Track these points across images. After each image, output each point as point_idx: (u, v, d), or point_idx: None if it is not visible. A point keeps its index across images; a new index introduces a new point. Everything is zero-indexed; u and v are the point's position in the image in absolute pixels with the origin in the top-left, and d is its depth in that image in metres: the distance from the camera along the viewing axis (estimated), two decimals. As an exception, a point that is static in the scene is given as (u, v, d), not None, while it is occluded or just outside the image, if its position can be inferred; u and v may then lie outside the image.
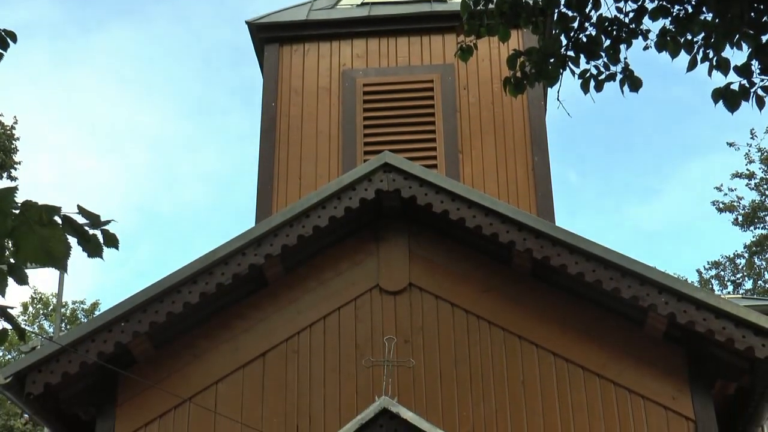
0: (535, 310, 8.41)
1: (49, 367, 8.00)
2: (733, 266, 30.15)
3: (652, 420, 7.89)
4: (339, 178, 8.85)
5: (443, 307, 8.54)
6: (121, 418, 8.27)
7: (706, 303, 7.78)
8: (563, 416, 7.98)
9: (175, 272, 8.32)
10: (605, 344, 8.20)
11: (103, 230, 3.09)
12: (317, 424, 8.10)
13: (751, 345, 7.60)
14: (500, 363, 8.25)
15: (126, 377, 8.28)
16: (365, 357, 8.26)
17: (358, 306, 8.61)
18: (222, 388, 8.35)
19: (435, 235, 8.83)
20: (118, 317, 8.17)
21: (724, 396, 8.27)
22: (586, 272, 8.06)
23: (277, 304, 8.66)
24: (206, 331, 8.59)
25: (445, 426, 7.80)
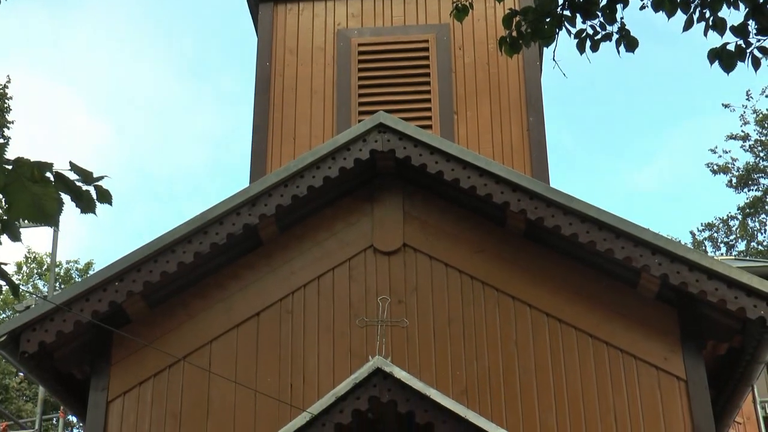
0: (528, 270, 8.44)
1: (43, 326, 8.02)
2: (727, 228, 30.23)
3: (643, 380, 7.95)
4: (333, 139, 8.83)
5: (437, 267, 8.56)
6: (115, 377, 8.31)
7: (699, 264, 7.81)
8: (556, 376, 8.03)
9: (170, 232, 8.33)
10: (598, 305, 8.24)
11: (96, 186, 3.08)
12: (311, 383, 8.14)
13: (743, 306, 7.64)
14: (493, 323, 8.28)
15: (120, 336, 8.30)
16: (359, 317, 8.30)
17: (352, 266, 8.63)
18: (216, 347, 8.38)
19: (429, 196, 8.83)
20: (112, 276, 8.18)
21: (715, 356, 8.33)
22: (580, 233, 8.07)
23: (271, 264, 8.67)
24: (200, 291, 8.61)
25: (438, 385, 7.84)
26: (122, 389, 8.27)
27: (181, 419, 8.13)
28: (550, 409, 7.90)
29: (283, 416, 7.80)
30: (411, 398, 7.07)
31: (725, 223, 30.26)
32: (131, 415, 8.18)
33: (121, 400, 8.25)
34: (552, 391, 7.98)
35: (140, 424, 8.14)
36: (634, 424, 7.80)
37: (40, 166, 2.97)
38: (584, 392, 7.95)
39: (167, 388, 8.26)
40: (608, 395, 7.92)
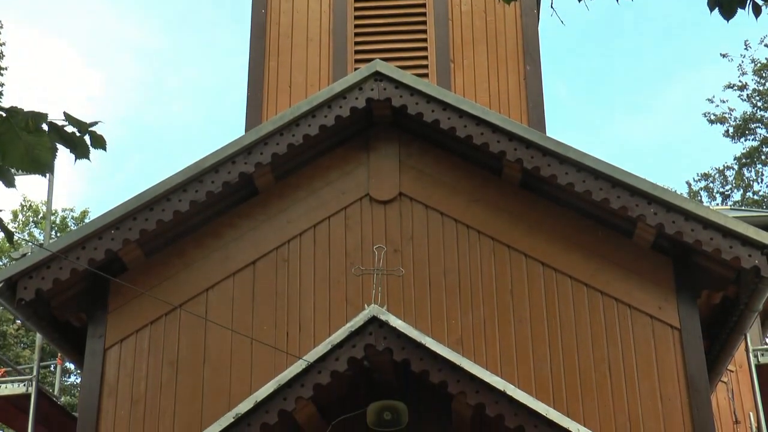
0: (524, 220, 8.44)
1: (39, 274, 8.04)
2: (723, 178, 30.24)
3: (638, 329, 8.00)
4: (330, 87, 8.78)
5: (433, 216, 8.56)
6: (112, 325, 8.35)
7: (695, 214, 7.82)
8: (550, 325, 8.07)
9: (165, 180, 8.32)
10: (593, 254, 8.26)
11: (90, 132, 3.06)
12: (307, 331, 8.18)
13: (737, 255, 7.67)
14: (489, 272, 8.31)
15: (117, 284, 8.32)
16: (355, 266, 8.31)
17: (348, 215, 8.63)
18: (212, 295, 8.41)
19: (425, 145, 8.81)
20: (108, 225, 8.18)
21: (709, 306, 8.38)
22: (576, 183, 8.07)
23: (267, 213, 8.66)
24: (196, 240, 8.61)
25: (433, 334, 7.88)
26: (119, 337, 8.31)
27: (178, 366, 8.18)
28: (545, 358, 7.95)
29: (279, 364, 7.85)
30: (406, 347, 7.10)
31: (721, 174, 30.26)
32: (128, 363, 8.23)
33: (118, 347, 8.29)
34: (547, 339, 8.02)
35: (137, 371, 8.19)
36: (628, 373, 7.86)
37: (35, 117, 2.95)
38: (579, 341, 7.99)
39: (164, 335, 8.30)
40: (602, 344, 7.97)
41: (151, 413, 8.03)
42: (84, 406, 8.12)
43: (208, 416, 7.80)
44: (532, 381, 7.85)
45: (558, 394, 7.82)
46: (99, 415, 8.05)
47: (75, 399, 22.95)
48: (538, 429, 6.83)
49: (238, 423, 7.00)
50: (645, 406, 7.73)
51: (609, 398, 7.78)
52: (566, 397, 7.80)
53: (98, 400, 8.09)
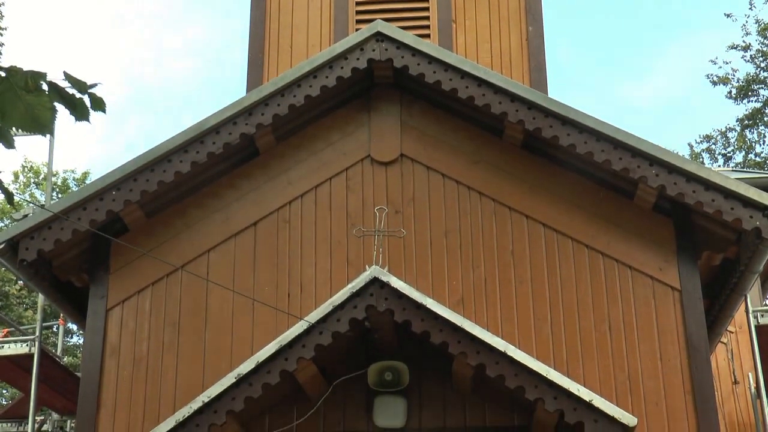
0: (525, 181, 8.43)
1: (41, 235, 8.05)
2: (725, 140, 30.14)
3: (638, 290, 8.01)
4: (331, 48, 8.73)
5: (434, 177, 8.55)
6: (114, 285, 8.37)
7: (696, 175, 7.81)
8: (551, 285, 8.09)
9: (166, 141, 8.30)
10: (595, 216, 8.26)
11: (89, 94, 3.05)
12: (308, 292, 8.21)
13: (738, 217, 7.67)
14: (490, 233, 8.32)
15: (118, 245, 8.34)
16: (356, 227, 8.32)
17: (349, 176, 8.62)
18: (214, 256, 8.42)
19: (427, 106, 8.78)
20: (109, 186, 8.18)
21: (709, 267, 8.39)
22: (578, 144, 8.05)
23: (268, 174, 8.66)
24: (197, 201, 8.61)
25: (434, 295, 7.90)
26: (121, 297, 8.34)
27: (180, 327, 8.21)
28: (546, 319, 7.98)
29: (280, 325, 7.88)
30: (407, 307, 7.13)
31: (723, 135, 30.15)
32: (130, 323, 8.26)
33: (120, 308, 8.33)
34: (548, 300, 8.05)
35: (139, 331, 8.23)
36: (628, 333, 7.89)
37: (34, 76, 2.93)
38: (579, 302, 8.02)
39: (166, 296, 8.33)
40: (603, 305, 8.00)
41: (153, 373, 8.08)
42: (86, 365, 8.17)
43: (209, 376, 7.85)
44: (533, 341, 7.89)
45: (558, 354, 7.85)
46: (101, 374, 8.10)
47: (77, 359, 23.08)
48: (539, 389, 6.87)
49: (240, 383, 7.04)
50: (645, 367, 7.77)
51: (609, 358, 7.82)
52: (566, 358, 7.83)
53: (100, 360, 8.13)
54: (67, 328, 22.95)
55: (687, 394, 7.66)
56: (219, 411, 7.00)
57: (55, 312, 19.96)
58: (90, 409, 7.99)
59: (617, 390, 7.71)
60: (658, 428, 7.57)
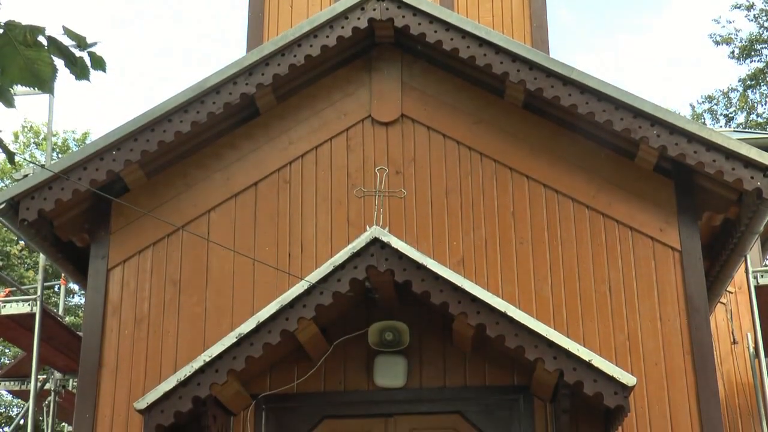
0: (526, 141, 8.42)
1: (42, 194, 8.05)
2: (727, 100, 30.04)
3: (638, 250, 8.03)
4: (331, 7, 8.67)
5: (435, 138, 8.53)
6: (114, 245, 8.39)
7: (698, 135, 7.79)
8: (552, 246, 8.10)
9: (166, 101, 8.28)
10: (596, 176, 8.25)
11: (89, 52, 3.03)
12: (309, 252, 8.22)
13: (740, 177, 7.66)
14: (491, 194, 8.31)
15: (119, 205, 8.34)
16: (357, 187, 8.32)
17: (350, 136, 8.60)
18: (214, 216, 8.43)
19: (428, 66, 8.74)
20: (109, 146, 8.16)
21: (710, 227, 8.40)
22: (580, 104, 8.02)
23: (268, 135, 8.64)
24: (198, 161, 8.60)
25: (435, 255, 7.92)
26: (122, 257, 8.36)
27: (181, 287, 8.24)
28: (546, 279, 8.00)
29: (281, 285, 7.90)
30: (408, 268, 7.14)
31: (725, 96, 30.04)
32: (131, 283, 8.29)
33: (121, 267, 8.35)
34: (548, 261, 8.06)
35: (140, 291, 8.26)
36: (628, 294, 7.91)
37: (33, 30, 2.91)
38: (580, 262, 8.03)
39: (166, 256, 8.34)
40: (603, 265, 8.01)
41: (154, 332, 8.11)
42: (88, 325, 8.20)
43: (210, 336, 7.89)
44: (533, 302, 7.91)
45: (558, 314, 7.88)
46: (103, 334, 8.14)
47: (79, 319, 23.18)
48: (538, 349, 6.91)
49: (241, 342, 7.08)
50: (644, 327, 7.80)
51: (609, 319, 7.85)
52: (566, 318, 7.86)
53: (102, 320, 8.17)
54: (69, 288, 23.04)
55: (686, 354, 7.69)
56: (220, 370, 7.04)
57: (57, 272, 20.02)
58: (92, 368, 8.03)
59: (617, 350, 7.74)
60: (657, 388, 7.62)
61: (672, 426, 7.53)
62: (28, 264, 25.71)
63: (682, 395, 7.60)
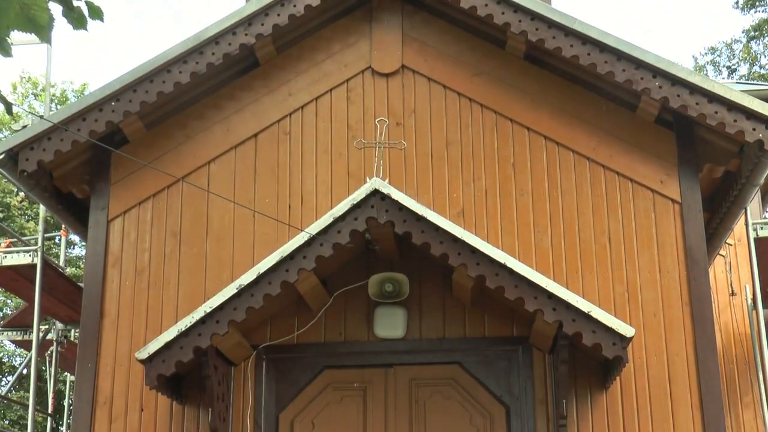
0: (527, 93, 8.38)
1: (41, 145, 8.03)
2: (730, 51, 29.86)
3: (639, 202, 8.02)
4: (331, -44, 8.58)
5: (436, 89, 8.50)
6: (114, 196, 8.39)
7: (700, 87, 7.75)
8: (552, 198, 8.09)
9: (165, 51, 8.23)
10: (597, 128, 8.22)
11: (87, 2, 3.00)
12: (309, 204, 8.22)
13: (741, 129, 7.63)
14: (491, 145, 8.29)
15: (119, 157, 8.33)
16: (357, 139, 8.30)
17: (350, 88, 8.56)
18: (214, 168, 8.42)
19: (429, 17, 8.68)
20: (108, 96, 8.13)
21: (710, 180, 8.39)
22: (581, 55, 7.97)
23: (268, 86, 8.60)
24: (198, 112, 8.58)
25: (435, 207, 7.92)
26: (122, 209, 8.36)
27: (181, 238, 8.25)
28: (546, 231, 8.01)
29: (281, 236, 7.92)
30: (408, 219, 7.15)
31: (728, 47, 29.86)
32: (132, 234, 8.30)
33: (122, 219, 8.35)
34: (548, 213, 8.06)
35: (141, 242, 8.27)
36: (627, 246, 7.92)
37: (27, -26, 2.87)
38: (580, 214, 8.03)
39: (167, 207, 8.35)
40: (603, 217, 8.02)
41: (155, 283, 8.14)
42: (89, 275, 8.23)
43: (211, 287, 7.92)
44: (533, 253, 7.93)
45: (558, 266, 7.90)
46: (104, 284, 8.17)
47: (80, 270, 23.26)
48: (538, 300, 6.93)
49: (242, 293, 7.11)
50: (644, 278, 7.83)
51: (608, 270, 7.87)
52: (566, 270, 7.88)
53: (103, 271, 8.19)
54: (69, 240, 23.07)
55: (685, 306, 7.73)
56: (221, 321, 7.07)
57: (57, 224, 20.05)
58: (93, 319, 8.07)
59: (616, 301, 7.77)
60: (655, 339, 7.66)
61: (669, 376, 7.58)
62: (28, 215, 25.73)
63: (680, 346, 7.64)
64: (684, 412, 7.50)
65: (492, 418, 7.71)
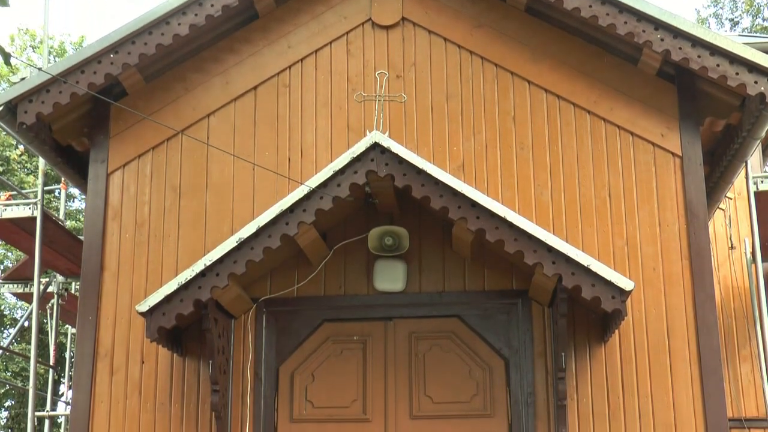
0: (528, 46, 8.32)
1: (39, 98, 7.99)
2: (733, 4, 29.62)
3: (639, 156, 8.00)
4: None
5: (436, 42, 8.44)
6: (114, 149, 8.37)
7: (702, 40, 7.70)
8: (552, 151, 8.07)
9: (164, 3, 8.16)
10: (598, 81, 8.18)
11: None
12: (308, 157, 8.20)
13: (743, 82, 7.59)
14: (491, 99, 8.26)
15: (118, 109, 8.31)
16: (357, 92, 8.26)
17: (350, 40, 8.51)
18: (213, 121, 8.39)
19: (429, -32, 8.60)
20: (106, 48, 8.08)
21: (711, 133, 8.36)
22: (583, 7, 7.90)
23: (268, 38, 8.55)
24: (197, 65, 8.53)
25: (435, 160, 7.91)
26: (122, 161, 8.35)
27: (181, 191, 8.24)
28: (546, 185, 8.00)
29: (281, 189, 7.92)
30: (408, 173, 7.13)
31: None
32: (131, 187, 8.29)
33: (121, 172, 8.34)
34: (548, 166, 8.05)
35: (140, 195, 8.27)
36: (627, 199, 7.92)
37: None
38: (580, 168, 8.02)
39: (166, 160, 8.33)
40: (604, 171, 8.00)
41: (155, 237, 8.15)
42: (89, 228, 8.23)
43: (211, 240, 7.93)
44: (533, 207, 7.93)
45: (558, 219, 7.90)
46: (104, 237, 8.17)
47: (80, 223, 23.28)
48: (537, 254, 6.94)
49: (241, 246, 7.11)
50: (643, 232, 7.83)
51: (608, 224, 7.87)
52: (566, 223, 7.88)
53: (102, 224, 8.20)
54: (69, 193, 23.08)
55: (684, 259, 7.74)
56: (221, 274, 7.09)
57: (57, 177, 20.04)
58: (94, 272, 8.09)
59: (615, 255, 7.79)
60: (654, 292, 7.68)
61: (668, 330, 7.62)
62: (28, 169, 25.70)
63: (679, 300, 7.67)
64: (682, 365, 7.54)
65: (491, 370, 7.76)
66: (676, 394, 7.50)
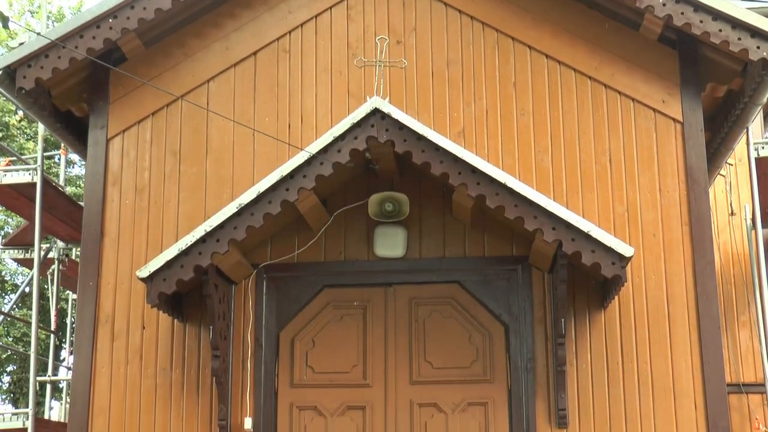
0: (529, 12, 8.27)
1: (38, 63, 7.96)
2: (735, -31, 29.45)
3: (640, 122, 7.99)
4: None
5: (436, 7, 8.39)
6: (113, 115, 8.35)
7: (704, 4, 7.65)
8: (553, 117, 8.05)
9: (162, -33, 8.10)
10: (599, 47, 8.14)
11: None
12: (309, 123, 8.19)
13: (745, 47, 7.55)
14: (492, 64, 8.22)
15: (118, 75, 8.27)
16: (357, 57, 8.23)
17: (350, 5, 8.46)
18: (213, 86, 8.36)
19: (430, -68, 8.54)
20: (105, 13, 8.03)
21: (712, 99, 8.33)
22: (585, -28, 7.86)
23: (268, 3, 8.50)
24: (197, 30, 8.48)
25: (435, 126, 7.89)
26: (121, 127, 8.33)
27: (181, 157, 8.23)
28: (546, 150, 7.98)
29: (281, 155, 7.91)
30: (408, 139, 7.11)
31: (733, -36, 29.46)
32: (131, 153, 8.28)
33: (121, 137, 8.33)
34: (549, 132, 8.03)
35: (140, 161, 8.26)
36: (628, 165, 7.91)
37: None
38: (581, 134, 8.00)
39: (166, 126, 8.31)
40: (604, 137, 7.99)
41: (155, 202, 8.15)
42: (89, 194, 8.23)
43: (211, 206, 7.93)
44: (533, 173, 7.92)
45: (558, 185, 7.90)
46: (104, 203, 8.18)
47: (80, 189, 23.26)
48: (538, 220, 6.94)
49: (242, 212, 7.11)
50: (644, 198, 7.83)
51: (608, 190, 7.86)
52: (566, 189, 7.88)
53: (102, 189, 8.20)
54: (69, 159, 23.04)
55: (684, 226, 7.74)
56: (221, 240, 7.09)
57: (57, 143, 20.00)
58: (94, 237, 8.10)
59: (615, 221, 7.79)
60: (654, 258, 7.69)
61: (668, 295, 7.64)
62: (28, 134, 25.63)
63: (678, 266, 7.68)
64: (681, 331, 7.56)
65: (491, 336, 7.79)
66: (675, 359, 7.53)
